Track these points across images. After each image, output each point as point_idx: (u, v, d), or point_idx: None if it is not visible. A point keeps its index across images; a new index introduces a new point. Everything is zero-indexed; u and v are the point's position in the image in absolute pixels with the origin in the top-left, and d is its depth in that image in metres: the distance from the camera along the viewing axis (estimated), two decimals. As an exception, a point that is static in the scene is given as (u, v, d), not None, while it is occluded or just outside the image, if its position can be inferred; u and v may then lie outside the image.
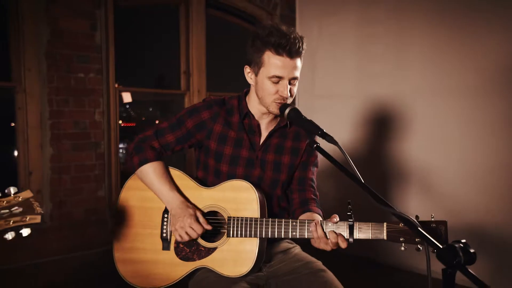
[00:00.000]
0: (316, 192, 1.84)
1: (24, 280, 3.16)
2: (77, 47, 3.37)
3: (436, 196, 3.56)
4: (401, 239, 1.41)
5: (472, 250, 0.95)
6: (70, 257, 3.36)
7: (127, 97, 4.25)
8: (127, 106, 4.91)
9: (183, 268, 1.66)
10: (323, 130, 1.49)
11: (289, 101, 1.67)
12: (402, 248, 1.38)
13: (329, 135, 1.47)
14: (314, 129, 1.50)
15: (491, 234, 3.26)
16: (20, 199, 1.24)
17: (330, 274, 1.65)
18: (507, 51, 3.17)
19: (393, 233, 1.43)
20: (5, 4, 3.20)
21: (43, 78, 3.23)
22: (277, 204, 1.83)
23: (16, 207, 1.22)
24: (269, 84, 1.64)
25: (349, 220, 1.49)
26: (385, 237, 1.44)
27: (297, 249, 1.84)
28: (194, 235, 1.61)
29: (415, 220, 1.16)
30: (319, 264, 1.71)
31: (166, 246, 1.69)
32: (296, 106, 4.70)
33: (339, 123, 4.29)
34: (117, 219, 1.78)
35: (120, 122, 4.59)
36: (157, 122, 5.13)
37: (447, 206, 3.48)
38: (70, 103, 3.35)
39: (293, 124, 1.79)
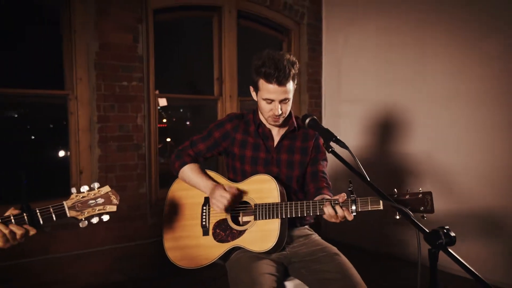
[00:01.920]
0: (328, 181, 2.15)
1: (77, 266, 3.53)
2: (121, 58, 3.72)
3: (452, 196, 3.74)
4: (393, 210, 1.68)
5: (452, 234, 1.20)
6: (114, 248, 3.70)
7: (162, 102, 4.59)
8: (159, 107, 5.24)
9: (220, 249, 2.01)
10: (336, 137, 1.79)
11: (283, 117, 2.04)
12: (397, 217, 1.65)
13: (341, 141, 1.76)
14: (329, 136, 1.78)
15: (510, 233, 3.43)
16: (102, 193, 1.54)
17: (343, 257, 1.95)
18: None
19: (387, 206, 1.72)
20: (60, 20, 3.58)
21: (92, 86, 3.59)
22: (294, 195, 2.15)
23: (99, 199, 1.52)
24: (264, 104, 2.00)
25: (351, 196, 1.79)
26: (381, 207, 1.74)
27: (316, 236, 2.16)
28: (225, 201, 1.94)
29: (409, 211, 1.41)
30: (334, 249, 2.02)
31: (205, 232, 2.05)
32: (323, 109, 4.97)
33: (363, 126, 4.52)
34: (166, 216, 2.14)
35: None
36: (187, 123, 5.46)
37: (464, 206, 3.65)
38: (115, 109, 3.70)
39: (313, 130, 2.07)
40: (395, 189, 1.76)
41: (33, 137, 4.39)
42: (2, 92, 3.41)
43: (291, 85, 1.97)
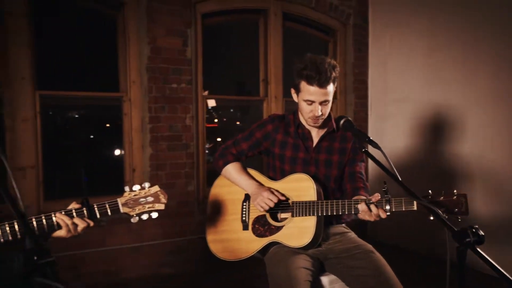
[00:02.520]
0: (366, 182, 2.20)
1: (130, 259, 3.75)
2: (171, 62, 3.91)
3: (503, 199, 3.63)
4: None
5: (481, 233, 1.22)
6: (164, 242, 3.90)
7: (211, 102, 4.76)
8: (210, 108, 5.42)
9: (259, 243, 2.11)
10: (369, 138, 1.84)
11: (322, 119, 2.10)
12: (431, 218, 1.63)
13: (374, 142, 1.80)
14: (363, 137, 1.84)
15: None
16: (151, 192, 1.68)
17: (378, 255, 2.00)
18: None
19: (420, 207, 1.75)
20: (115, 28, 3.82)
21: (145, 89, 3.80)
22: (332, 195, 2.21)
23: (149, 197, 1.66)
24: (305, 105, 2.07)
25: (385, 196, 1.84)
26: (415, 208, 1.78)
27: (352, 234, 2.21)
28: (271, 204, 2.04)
29: (438, 210, 1.44)
30: (369, 246, 2.06)
31: (245, 227, 2.16)
32: (369, 110, 4.95)
33: (410, 127, 4.46)
34: (208, 210, 2.27)
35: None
36: (238, 123, 5.60)
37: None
38: (165, 110, 3.89)
39: (347, 131, 2.12)
40: (430, 191, 1.78)
41: (92, 137, 4.70)
42: (64, 94, 3.71)
43: (331, 88, 2.05)
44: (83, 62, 3.92)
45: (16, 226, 1.38)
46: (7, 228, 1.37)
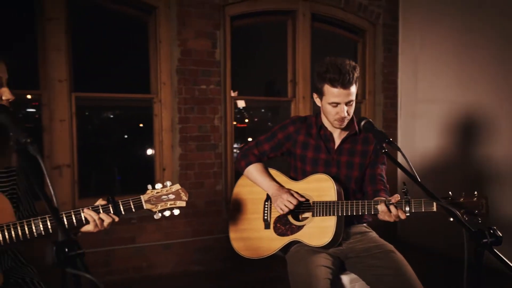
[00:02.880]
0: (386, 184, 2.20)
1: (160, 256, 3.86)
2: (201, 63, 3.99)
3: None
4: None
5: (499, 234, 1.21)
6: (193, 240, 3.98)
7: (241, 103, 4.83)
8: (241, 108, 5.48)
9: (280, 242, 2.15)
10: (390, 139, 1.85)
11: (347, 119, 2.13)
12: (451, 219, 1.62)
13: (394, 143, 1.81)
14: (383, 138, 1.85)
15: None
16: (173, 190, 1.75)
17: (399, 255, 2.00)
18: None
19: (440, 208, 1.75)
20: (147, 31, 3.94)
21: (174, 90, 3.90)
22: (353, 196, 2.23)
23: (170, 195, 1.73)
24: (330, 108, 2.09)
25: (405, 197, 1.85)
26: (435, 209, 1.79)
27: (373, 234, 2.22)
28: (291, 206, 2.08)
29: (458, 212, 1.44)
30: (390, 246, 2.07)
31: (267, 226, 2.21)
32: (398, 110, 4.90)
33: (440, 127, 4.39)
34: (231, 209, 2.33)
35: (235, 123, 5.20)
36: (269, 123, 5.65)
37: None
38: (195, 111, 3.98)
39: (368, 132, 2.13)
40: (450, 192, 1.78)
41: (126, 137, 4.86)
42: (98, 96, 3.87)
43: (354, 88, 2.08)
44: (116, 64, 4.06)
45: (48, 221, 1.47)
46: (40, 223, 1.47)
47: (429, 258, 4.18)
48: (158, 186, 1.72)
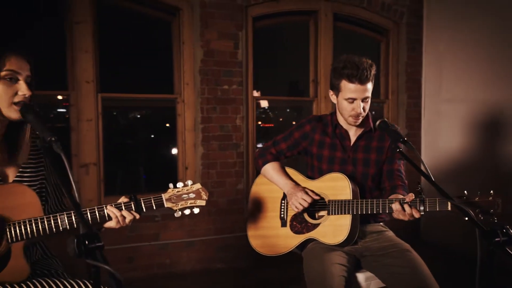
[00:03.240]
0: (404, 180, 2.20)
1: (183, 253, 3.93)
2: (223, 64, 4.05)
3: None
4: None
5: (509, 230, 1.21)
6: (215, 238, 4.04)
7: (264, 103, 4.87)
8: (266, 108, 5.52)
9: (296, 240, 2.19)
10: (404, 138, 1.87)
11: (362, 116, 2.14)
12: (466, 218, 1.62)
13: (409, 142, 1.83)
14: (397, 137, 1.87)
15: None
16: (193, 189, 1.80)
17: (415, 254, 2.00)
18: None
19: (454, 207, 1.75)
20: (171, 32, 4.02)
21: (197, 91, 3.97)
22: (369, 193, 2.24)
23: (191, 194, 1.79)
24: (346, 104, 2.11)
25: (419, 196, 1.86)
26: (449, 208, 1.79)
27: (390, 233, 2.22)
28: (305, 204, 2.11)
29: (471, 211, 1.44)
30: (406, 245, 2.07)
31: (283, 224, 2.25)
32: (422, 109, 4.84)
33: (466, 127, 4.32)
34: (249, 207, 2.38)
35: (260, 123, 5.25)
36: (293, 123, 5.68)
37: None
38: (217, 111, 4.04)
39: (382, 131, 2.15)
40: (465, 191, 1.78)
41: (152, 136, 4.98)
42: (123, 96, 3.98)
43: (370, 85, 2.11)
44: (140, 65, 4.17)
45: (73, 216, 1.54)
46: (66, 218, 1.54)
47: (451, 258, 4.12)
48: (179, 185, 1.78)
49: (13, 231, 1.49)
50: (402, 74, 4.83)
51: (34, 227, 1.51)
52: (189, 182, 1.79)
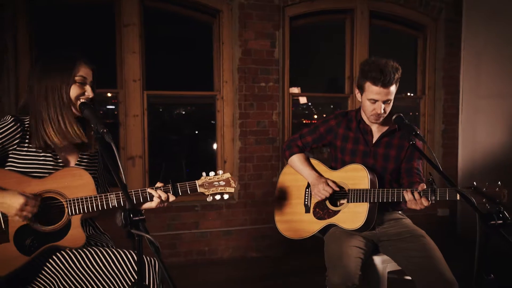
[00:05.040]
0: (422, 178, 2.32)
1: (220, 241, 4.17)
2: (260, 62, 4.24)
3: None
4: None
5: (507, 217, 1.33)
6: (251, 228, 4.25)
7: (303, 99, 5.01)
8: (310, 105, 5.65)
9: (319, 225, 2.37)
10: (417, 132, 2.01)
11: (383, 117, 2.28)
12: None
13: (420, 135, 1.98)
14: (411, 131, 2.01)
15: None
16: (224, 177, 2.01)
17: (429, 239, 2.13)
18: None
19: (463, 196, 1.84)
20: (211, 33, 4.26)
21: (235, 88, 4.18)
22: (389, 185, 2.37)
23: (221, 181, 2.00)
24: (369, 104, 2.25)
25: (431, 186, 1.99)
26: (458, 198, 1.92)
27: (407, 220, 2.36)
28: (327, 194, 2.29)
29: (472, 199, 1.56)
30: (421, 231, 2.21)
31: (307, 210, 2.44)
32: (460, 106, 4.84)
33: (505, 123, 4.29)
34: (276, 194, 2.58)
35: (303, 120, 5.41)
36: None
37: None
38: (254, 107, 4.23)
39: (397, 125, 2.28)
40: (474, 183, 1.90)
41: (196, 132, 5.26)
42: (166, 94, 4.27)
43: (394, 88, 2.24)
44: (182, 64, 4.44)
45: (121, 196, 1.80)
46: (114, 197, 1.80)
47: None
48: (211, 173, 1.99)
49: (72, 206, 1.77)
50: (439, 70, 4.84)
51: (89, 203, 1.78)
52: (220, 172, 2.00)
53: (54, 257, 1.75)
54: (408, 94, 5.05)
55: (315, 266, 3.81)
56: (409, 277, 2.15)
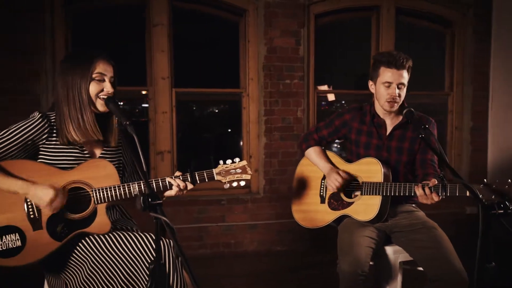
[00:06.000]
0: (437, 169, 2.35)
1: (246, 235, 4.28)
2: (285, 60, 4.31)
3: None
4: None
5: (508, 206, 1.36)
6: (275, 223, 4.34)
7: (331, 97, 5.06)
8: (343, 103, 5.68)
9: (333, 215, 2.46)
10: (425, 125, 2.06)
11: (397, 102, 2.31)
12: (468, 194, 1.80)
13: (428, 129, 2.03)
14: (420, 124, 2.07)
15: None
16: (240, 165, 2.11)
17: (440, 231, 2.18)
18: None
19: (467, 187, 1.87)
20: (238, 32, 4.37)
21: (261, 85, 4.28)
22: (403, 177, 2.41)
23: (238, 169, 2.10)
24: (383, 88, 2.30)
25: (442, 181, 2.03)
26: (468, 194, 1.94)
27: (420, 213, 2.40)
28: (338, 184, 2.38)
29: (477, 192, 1.61)
30: (433, 223, 2.25)
31: (322, 201, 2.52)
32: (489, 102, 4.77)
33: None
34: (294, 184, 2.70)
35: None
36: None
37: None
38: (279, 104, 4.32)
39: (407, 119, 2.30)
40: (485, 180, 1.94)
41: (220, 129, 5.40)
42: (193, 91, 4.43)
43: (406, 74, 2.31)
44: (209, 62, 4.58)
45: (143, 185, 1.92)
46: (136, 186, 1.93)
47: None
48: (228, 161, 2.09)
49: (97, 195, 1.91)
50: (468, 65, 4.77)
51: (113, 192, 1.91)
52: (237, 159, 2.10)
53: (83, 241, 1.89)
54: (435, 92, 4.99)
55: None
56: (421, 268, 2.19)
